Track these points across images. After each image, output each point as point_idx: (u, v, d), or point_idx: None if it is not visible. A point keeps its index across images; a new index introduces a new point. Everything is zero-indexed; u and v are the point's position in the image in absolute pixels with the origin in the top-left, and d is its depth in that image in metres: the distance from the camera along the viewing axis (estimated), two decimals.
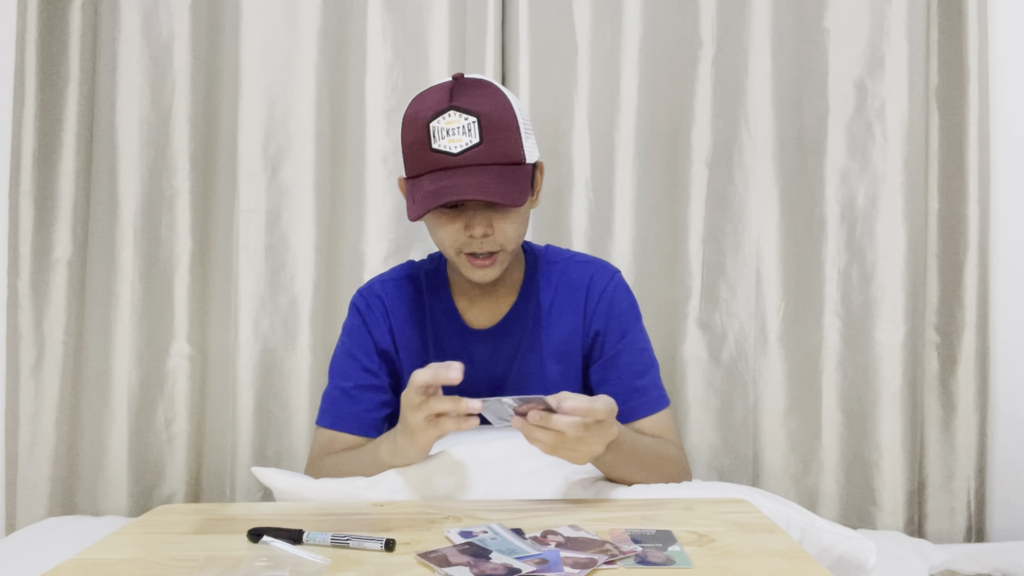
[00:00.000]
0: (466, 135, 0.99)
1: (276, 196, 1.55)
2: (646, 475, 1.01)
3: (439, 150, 0.99)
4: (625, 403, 1.07)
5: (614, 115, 1.54)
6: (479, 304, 1.17)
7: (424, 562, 0.70)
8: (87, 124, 1.55)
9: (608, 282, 1.16)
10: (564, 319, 1.15)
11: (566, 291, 1.16)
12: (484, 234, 1.03)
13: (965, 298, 1.55)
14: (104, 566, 0.71)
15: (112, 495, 1.53)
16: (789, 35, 1.54)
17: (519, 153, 1.03)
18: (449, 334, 1.16)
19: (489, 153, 1.00)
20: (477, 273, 1.07)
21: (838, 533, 0.93)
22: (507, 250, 1.07)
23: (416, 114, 1.03)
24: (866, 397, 1.53)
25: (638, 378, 1.12)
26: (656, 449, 1.06)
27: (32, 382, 1.54)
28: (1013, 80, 1.57)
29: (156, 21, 1.54)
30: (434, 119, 1.00)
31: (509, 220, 1.05)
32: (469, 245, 1.05)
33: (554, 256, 1.21)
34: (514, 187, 1.01)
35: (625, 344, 1.14)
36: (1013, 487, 1.57)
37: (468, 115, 1.00)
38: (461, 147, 0.99)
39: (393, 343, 1.16)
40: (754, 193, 1.55)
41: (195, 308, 1.57)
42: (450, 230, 1.05)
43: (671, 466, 1.06)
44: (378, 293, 1.18)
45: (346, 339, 1.17)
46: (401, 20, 1.55)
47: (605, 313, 1.14)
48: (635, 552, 0.72)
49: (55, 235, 1.54)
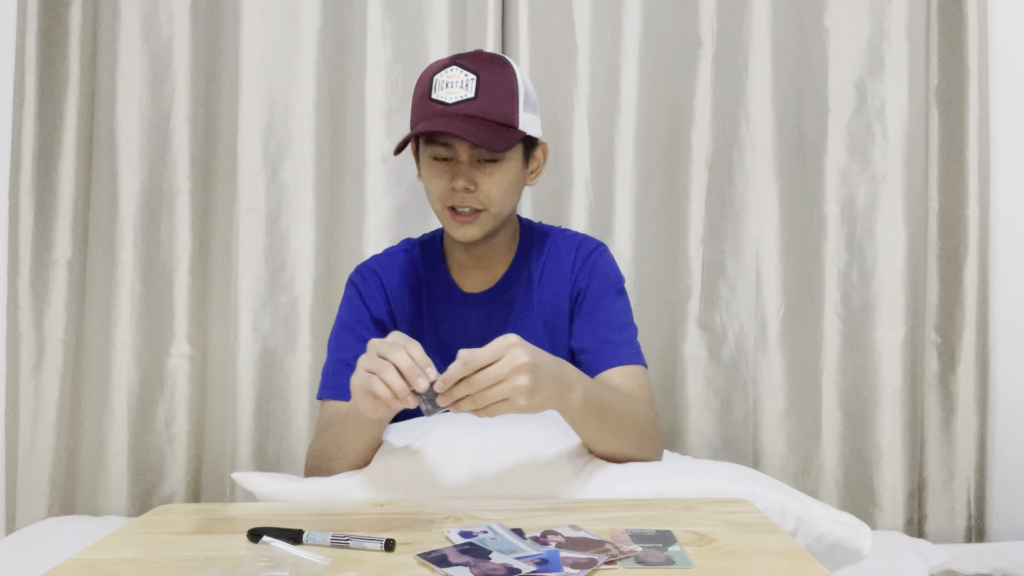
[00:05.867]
0: (463, 89, 1.03)
1: (276, 196, 1.55)
2: (615, 433, 0.99)
3: (436, 99, 1.04)
4: (596, 353, 1.10)
5: (614, 115, 1.55)
6: (473, 271, 1.19)
7: (424, 562, 0.70)
8: (87, 124, 1.55)
9: (594, 249, 1.19)
10: (554, 286, 1.18)
11: (556, 258, 1.19)
12: (466, 188, 1.06)
13: (965, 298, 1.55)
14: (104, 566, 0.71)
15: (112, 495, 1.53)
16: (789, 35, 1.54)
17: (512, 117, 1.06)
18: (444, 301, 1.19)
19: (482, 108, 1.03)
20: (458, 230, 1.10)
21: (833, 519, 0.93)
22: (490, 211, 1.09)
23: (426, 72, 1.08)
24: (866, 397, 1.53)
25: (611, 332, 1.13)
26: (625, 404, 1.03)
27: (32, 382, 1.54)
28: (1013, 80, 1.57)
29: (156, 21, 1.54)
30: (438, 72, 1.06)
31: (495, 179, 1.07)
32: (452, 198, 1.08)
33: (547, 229, 1.24)
34: (496, 138, 1.03)
35: (602, 303, 1.15)
36: (1013, 487, 1.57)
37: (468, 72, 1.04)
38: (456, 98, 1.03)
39: (389, 311, 1.19)
40: (754, 193, 1.55)
41: (195, 308, 1.57)
42: (438, 181, 1.09)
43: (641, 426, 1.03)
44: (372, 267, 1.21)
45: (343, 313, 1.19)
46: (401, 20, 1.55)
47: (588, 273, 1.17)
48: (635, 552, 0.72)
49: (55, 235, 1.54)
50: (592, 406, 0.95)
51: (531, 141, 1.13)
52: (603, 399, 0.98)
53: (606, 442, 0.99)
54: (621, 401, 1.02)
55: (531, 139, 1.12)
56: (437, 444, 0.98)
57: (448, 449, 0.98)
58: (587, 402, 0.94)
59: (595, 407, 0.96)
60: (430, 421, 1.03)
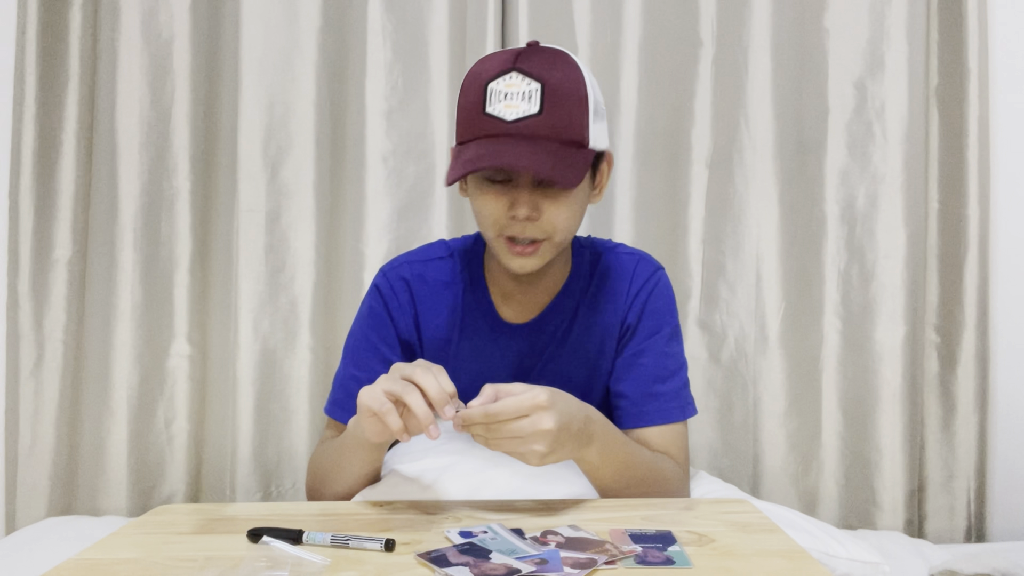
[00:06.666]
0: (525, 101, 0.87)
1: (276, 196, 1.55)
2: (637, 490, 0.93)
3: (492, 115, 0.88)
4: (638, 407, 1.02)
5: (614, 115, 1.54)
6: (517, 298, 1.06)
7: (424, 562, 0.70)
8: (87, 124, 1.55)
9: (648, 278, 1.06)
10: (602, 316, 1.06)
11: (607, 285, 1.06)
12: (528, 216, 0.91)
13: (965, 298, 1.55)
14: (104, 566, 0.71)
15: (112, 495, 1.53)
16: (789, 35, 1.54)
17: (583, 133, 0.90)
18: (480, 328, 1.06)
19: (549, 125, 0.88)
20: (516, 261, 0.96)
21: (852, 559, 0.91)
22: (554, 240, 0.95)
23: (477, 75, 0.92)
24: (866, 397, 1.53)
25: (658, 383, 1.02)
26: (653, 464, 0.96)
27: (32, 382, 1.53)
28: (1013, 80, 1.57)
29: (156, 21, 1.54)
30: (493, 80, 0.89)
31: (560, 206, 0.92)
32: (511, 227, 0.93)
33: (599, 247, 1.11)
34: (569, 167, 0.88)
35: (651, 344, 1.04)
36: (1013, 487, 1.57)
37: (532, 80, 0.88)
38: (517, 114, 0.87)
39: (417, 333, 1.07)
40: (754, 193, 1.55)
41: (195, 308, 1.57)
42: (493, 207, 0.93)
43: (668, 488, 0.96)
44: (404, 276, 1.07)
45: (365, 322, 1.08)
46: (401, 20, 1.55)
47: (640, 310, 1.05)
48: (635, 552, 0.72)
49: (55, 235, 1.54)
50: (610, 463, 0.90)
51: (599, 152, 0.96)
52: (626, 459, 0.92)
53: (617, 494, 0.93)
54: (645, 460, 0.95)
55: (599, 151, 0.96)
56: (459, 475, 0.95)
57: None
58: (605, 459, 0.90)
59: (613, 465, 0.91)
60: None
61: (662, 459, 0.98)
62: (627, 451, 0.93)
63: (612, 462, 0.91)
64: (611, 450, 0.90)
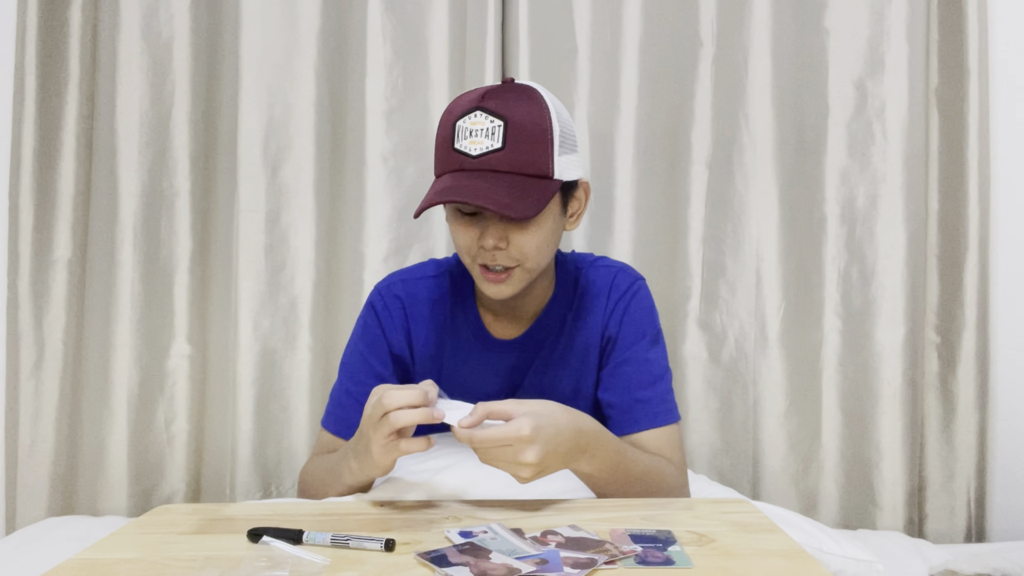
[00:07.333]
0: (488, 138, 0.94)
1: (276, 196, 1.55)
2: (634, 491, 0.95)
3: (459, 150, 0.95)
4: (626, 414, 1.04)
5: (614, 115, 1.55)
6: (505, 315, 1.12)
7: (424, 562, 0.70)
8: (87, 124, 1.55)
9: (627, 289, 1.11)
10: (585, 328, 1.11)
11: (588, 296, 1.12)
12: (496, 246, 0.98)
13: (965, 298, 1.55)
14: (104, 566, 0.71)
15: (112, 495, 1.53)
16: (789, 35, 1.54)
17: (545, 166, 0.96)
18: (470, 344, 1.12)
19: (509, 161, 0.94)
20: (490, 288, 1.02)
21: (846, 556, 0.92)
22: (525, 267, 1.00)
23: (450, 111, 0.99)
24: (866, 397, 1.53)
25: (642, 389, 1.06)
26: (651, 466, 0.98)
27: (32, 382, 1.54)
28: (1013, 80, 1.57)
29: (156, 21, 1.54)
30: (460, 118, 0.96)
31: (528, 235, 0.98)
32: (482, 256, 1.00)
33: (580, 261, 1.16)
34: (527, 199, 0.93)
35: (633, 353, 1.08)
36: (1013, 487, 1.57)
37: (495, 118, 0.94)
38: (480, 150, 0.94)
39: (409, 349, 1.12)
40: (754, 193, 1.55)
41: (195, 308, 1.57)
42: (464, 237, 1.00)
43: (666, 488, 0.99)
44: (397, 293, 1.13)
45: (360, 339, 1.13)
46: (401, 20, 1.55)
47: (620, 319, 1.09)
48: (635, 552, 0.72)
49: (55, 235, 1.54)
50: (603, 469, 0.92)
51: (570, 182, 1.02)
52: (620, 463, 0.94)
53: (616, 496, 0.95)
54: (641, 463, 0.97)
55: (570, 181, 1.01)
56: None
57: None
58: (597, 467, 0.91)
59: (607, 471, 0.93)
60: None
61: (658, 460, 1.01)
62: (621, 456, 0.95)
63: (605, 468, 0.93)
64: (604, 457, 0.92)
